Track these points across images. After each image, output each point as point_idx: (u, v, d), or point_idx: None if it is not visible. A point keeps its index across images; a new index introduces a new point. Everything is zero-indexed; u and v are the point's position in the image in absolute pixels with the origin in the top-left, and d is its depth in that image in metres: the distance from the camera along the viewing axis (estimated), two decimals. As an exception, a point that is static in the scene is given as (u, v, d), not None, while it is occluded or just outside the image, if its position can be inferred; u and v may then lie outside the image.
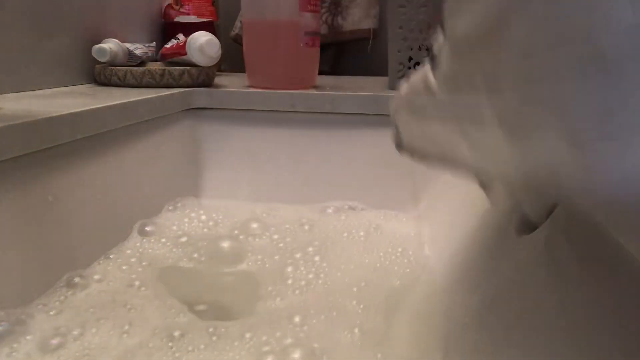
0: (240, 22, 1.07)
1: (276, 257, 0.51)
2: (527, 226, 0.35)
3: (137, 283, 0.43)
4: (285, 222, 0.59)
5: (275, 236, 0.56)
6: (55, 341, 0.34)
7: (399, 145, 0.36)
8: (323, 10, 1.05)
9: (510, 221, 0.38)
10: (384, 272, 0.48)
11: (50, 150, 0.46)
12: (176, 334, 0.36)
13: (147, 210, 0.59)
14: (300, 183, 0.70)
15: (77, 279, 0.43)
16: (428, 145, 0.30)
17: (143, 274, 0.45)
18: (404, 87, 0.33)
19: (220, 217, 0.61)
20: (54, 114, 0.46)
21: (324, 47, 0.97)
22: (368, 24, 1.05)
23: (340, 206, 0.63)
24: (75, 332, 0.35)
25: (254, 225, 0.57)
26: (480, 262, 0.40)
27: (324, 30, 1.05)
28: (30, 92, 0.65)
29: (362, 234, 0.57)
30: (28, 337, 0.35)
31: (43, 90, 0.67)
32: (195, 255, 0.51)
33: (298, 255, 0.51)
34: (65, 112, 0.47)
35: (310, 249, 0.53)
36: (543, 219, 0.31)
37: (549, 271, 0.30)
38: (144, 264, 0.48)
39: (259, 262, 0.50)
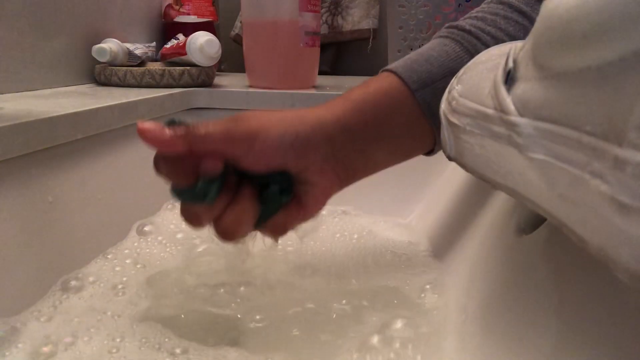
0: (240, 22, 1.07)
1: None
2: (527, 226, 0.35)
3: (125, 289, 0.43)
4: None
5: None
6: (46, 349, 0.34)
7: (449, 156, 0.33)
8: (323, 10, 1.05)
9: (510, 221, 0.38)
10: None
11: (50, 150, 0.46)
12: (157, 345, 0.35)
13: (147, 209, 0.59)
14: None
15: (73, 282, 0.43)
16: (487, 166, 0.27)
17: (135, 277, 0.45)
18: (458, 88, 0.31)
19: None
20: (54, 114, 0.46)
21: (324, 47, 0.97)
22: (368, 24, 1.05)
23: (333, 210, 0.63)
24: (67, 340, 0.35)
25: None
26: (480, 262, 0.40)
27: (324, 30, 1.05)
28: (30, 92, 0.65)
29: (355, 236, 0.57)
30: (20, 346, 0.34)
31: (43, 90, 0.67)
32: (189, 254, 0.51)
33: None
34: (65, 112, 0.47)
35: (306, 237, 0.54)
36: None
37: (549, 271, 0.30)
38: (138, 266, 0.47)
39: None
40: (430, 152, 0.44)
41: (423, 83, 0.40)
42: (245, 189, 0.36)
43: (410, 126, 0.41)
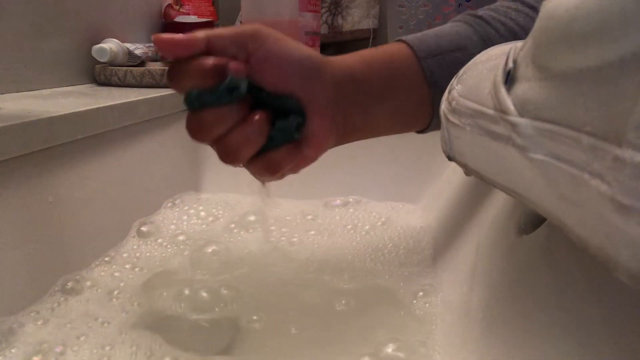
0: (240, 22, 1.07)
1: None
2: (527, 226, 0.35)
3: (121, 294, 0.43)
4: (287, 214, 0.60)
5: (273, 227, 0.56)
6: (37, 358, 0.34)
7: (448, 156, 0.33)
8: (323, 10, 1.05)
9: (510, 220, 0.38)
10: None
11: (50, 150, 0.46)
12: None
13: (147, 210, 0.59)
14: (302, 178, 0.70)
15: (70, 284, 0.43)
16: (487, 166, 0.27)
17: (132, 281, 0.45)
18: (458, 88, 0.31)
19: (221, 211, 0.61)
20: (54, 114, 0.46)
21: (324, 47, 0.97)
22: (368, 24, 1.05)
23: (343, 201, 0.64)
24: (58, 350, 0.34)
25: (251, 218, 0.57)
26: (481, 262, 0.40)
27: (324, 30, 1.05)
28: (30, 92, 0.64)
29: (367, 227, 0.57)
30: (13, 350, 0.34)
31: (43, 90, 0.67)
32: (189, 255, 0.51)
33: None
34: (65, 112, 0.47)
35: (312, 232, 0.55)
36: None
37: (549, 271, 0.30)
38: (136, 269, 0.47)
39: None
40: (425, 129, 0.44)
41: (430, 53, 0.41)
42: (259, 111, 0.36)
43: (412, 91, 0.42)
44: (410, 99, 0.42)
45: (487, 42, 0.41)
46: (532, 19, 0.41)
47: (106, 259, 0.49)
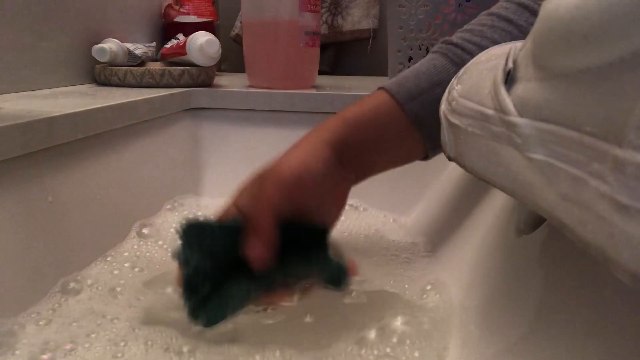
0: (240, 22, 1.07)
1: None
2: (527, 226, 0.35)
3: (123, 293, 0.43)
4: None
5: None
6: (45, 357, 0.33)
7: (449, 156, 0.34)
8: (323, 10, 1.05)
9: (510, 221, 0.38)
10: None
11: (50, 150, 0.46)
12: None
13: (147, 210, 0.59)
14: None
15: (71, 285, 0.43)
16: (487, 167, 0.27)
17: (132, 280, 0.45)
18: (458, 88, 0.31)
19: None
20: (54, 114, 0.46)
21: (324, 47, 0.97)
22: (368, 24, 1.05)
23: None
24: (67, 347, 0.34)
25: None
26: (480, 262, 0.40)
27: (324, 30, 1.05)
28: (30, 92, 0.65)
29: (362, 233, 0.57)
30: (17, 352, 0.34)
31: (43, 90, 0.67)
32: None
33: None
34: (65, 112, 0.47)
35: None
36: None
37: (548, 271, 0.30)
38: (136, 269, 0.47)
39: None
40: (425, 158, 0.47)
41: (411, 96, 0.43)
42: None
43: (402, 137, 0.44)
44: (403, 144, 0.45)
45: None
46: (508, 32, 0.42)
47: (108, 258, 0.49)
